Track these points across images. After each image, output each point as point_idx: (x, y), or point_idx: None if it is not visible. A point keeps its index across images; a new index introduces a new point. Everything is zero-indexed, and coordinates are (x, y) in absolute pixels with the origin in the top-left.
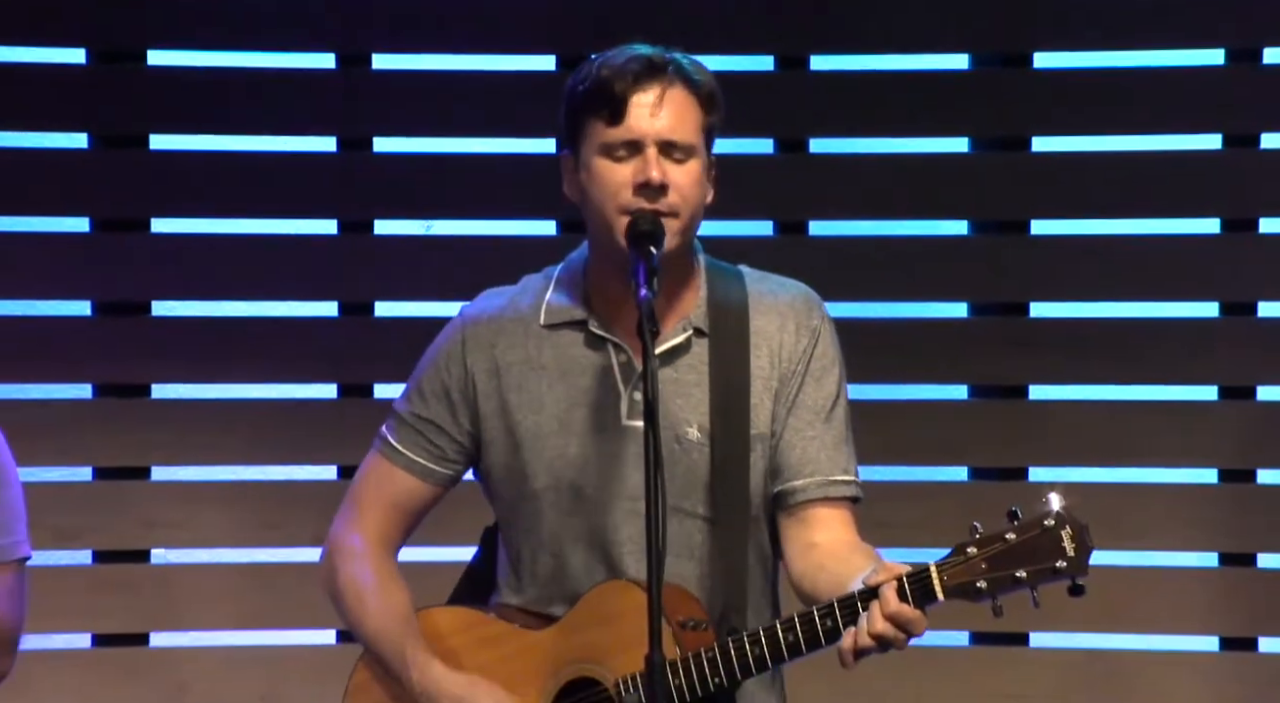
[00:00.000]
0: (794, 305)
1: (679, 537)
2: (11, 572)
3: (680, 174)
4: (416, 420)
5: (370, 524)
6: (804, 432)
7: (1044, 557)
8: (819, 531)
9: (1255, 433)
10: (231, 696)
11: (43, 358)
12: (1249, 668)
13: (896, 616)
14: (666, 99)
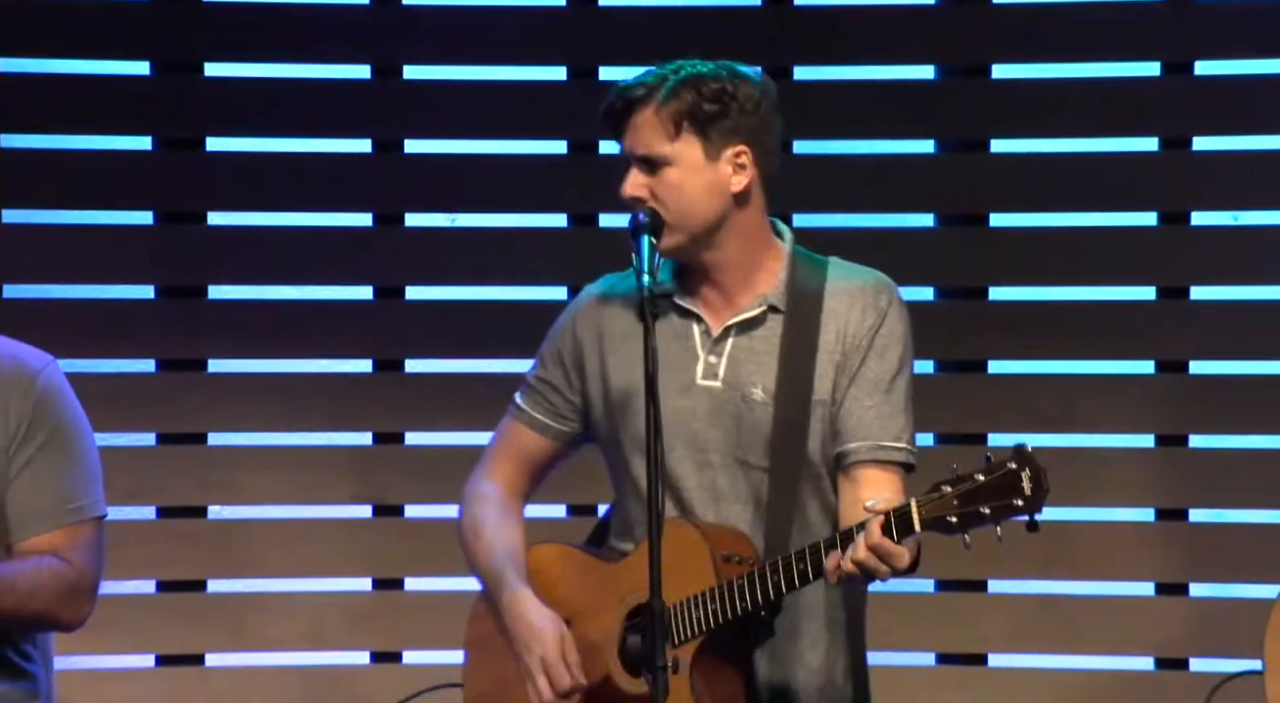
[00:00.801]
0: (865, 289)
1: (740, 484)
2: (90, 528)
3: (657, 184)
4: (538, 383)
5: (497, 474)
6: (862, 401)
7: (1005, 494)
8: (866, 489)
9: (1187, 402)
10: (278, 635)
11: (111, 337)
12: (1181, 610)
13: (878, 547)
14: (635, 122)
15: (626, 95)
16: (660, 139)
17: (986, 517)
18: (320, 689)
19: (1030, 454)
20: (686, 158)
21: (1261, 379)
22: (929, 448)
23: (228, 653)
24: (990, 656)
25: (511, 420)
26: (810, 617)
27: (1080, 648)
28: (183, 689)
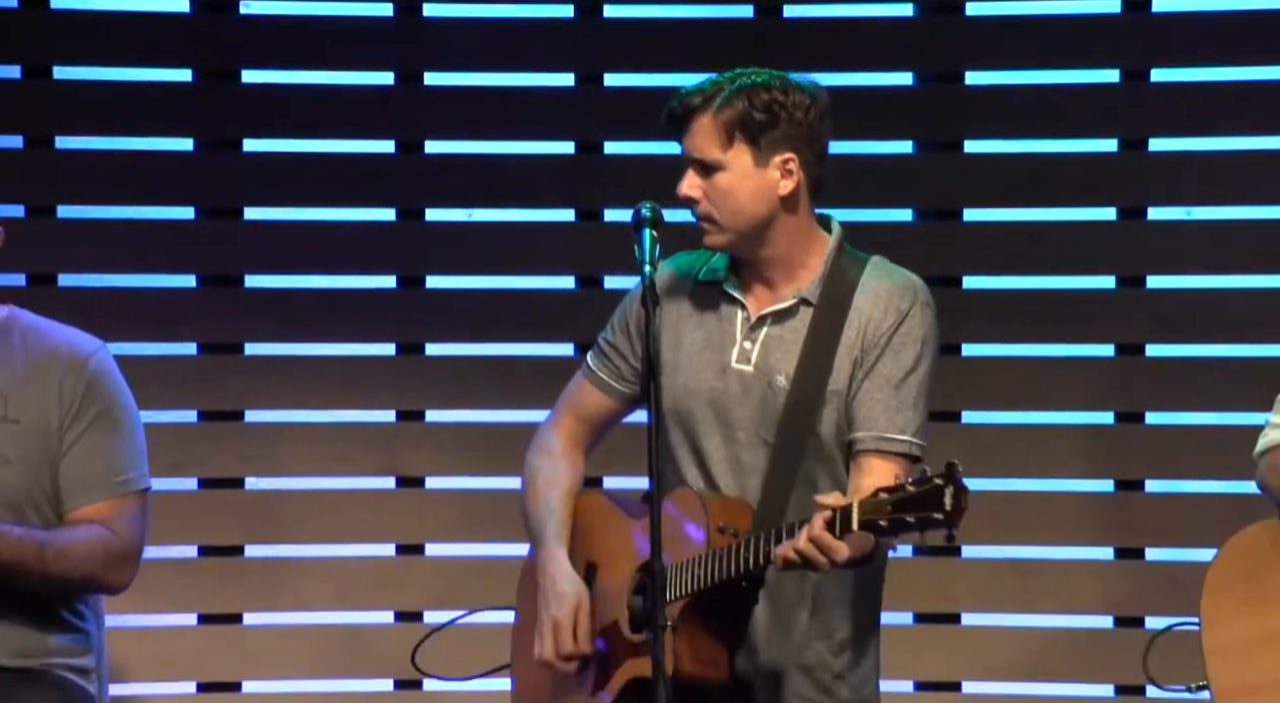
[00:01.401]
0: (893, 291)
1: (753, 459)
2: (136, 500)
3: (710, 186)
4: (607, 346)
5: (562, 426)
6: (874, 394)
7: (929, 507)
8: (867, 476)
9: (1144, 383)
10: (309, 596)
11: (156, 322)
12: (1137, 572)
13: (818, 540)
14: (693, 127)
15: (686, 102)
16: (714, 145)
17: (911, 525)
18: (347, 645)
19: (956, 473)
20: (738, 164)
21: (1212, 361)
22: None
23: (263, 612)
24: (963, 615)
25: (581, 378)
26: (813, 593)
27: (1044, 608)
28: (222, 646)
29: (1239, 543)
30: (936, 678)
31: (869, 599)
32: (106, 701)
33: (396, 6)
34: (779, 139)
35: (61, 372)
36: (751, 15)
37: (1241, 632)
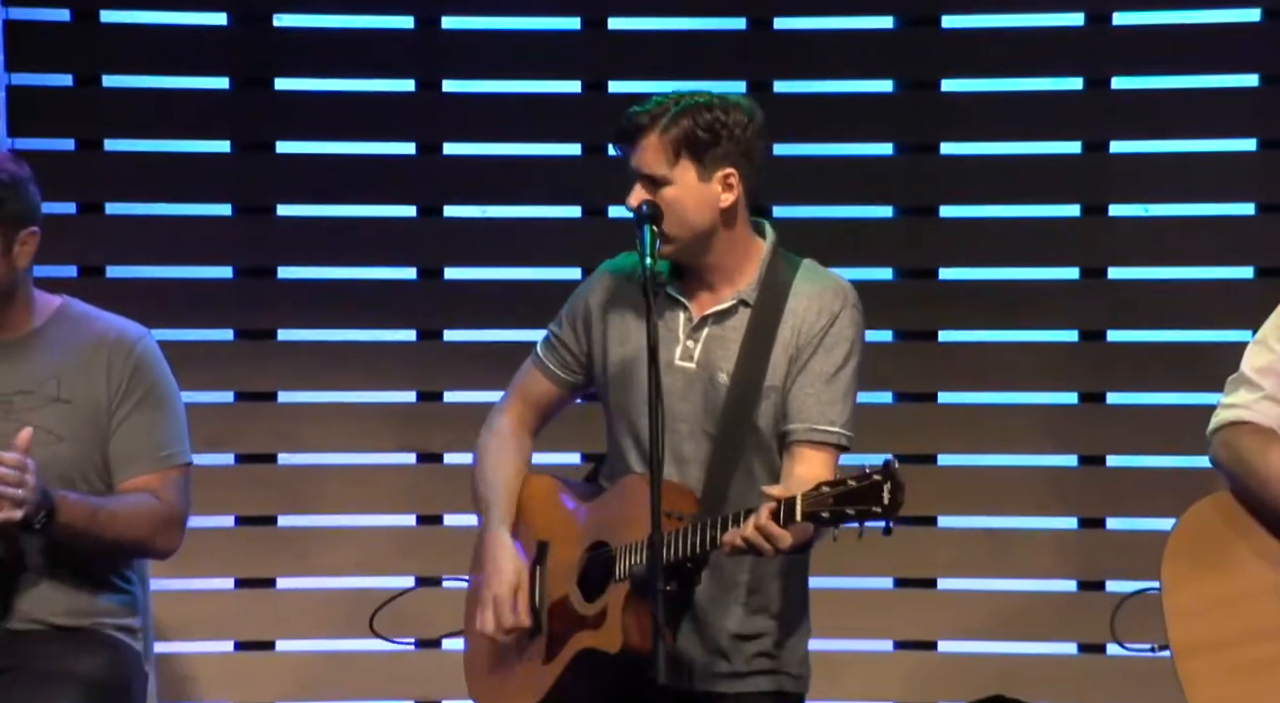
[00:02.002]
0: (824, 294)
1: (696, 450)
2: (179, 473)
3: (658, 199)
4: (554, 338)
5: (512, 410)
6: (807, 389)
7: (869, 501)
8: (799, 464)
9: (1105, 366)
10: (336, 563)
11: (197, 310)
12: (1099, 540)
13: (764, 528)
14: (642, 145)
15: (635, 121)
16: (661, 162)
17: (851, 516)
18: (371, 607)
19: (895, 470)
20: (683, 179)
21: (1169, 345)
22: (886, 405)
23: (294, 577)
24: (939, 580)
25: (531, 366)
26: (751, 569)
27: (1014, 573)
28: (256, 607)
29: (1194, 515)
30: (914, 638)
31: (801, 573)
32: (151, 657)
33: (417, 19)
34: (720, 156)
35: (110, 356)
36: (744, 27)
37: (1197, 595)
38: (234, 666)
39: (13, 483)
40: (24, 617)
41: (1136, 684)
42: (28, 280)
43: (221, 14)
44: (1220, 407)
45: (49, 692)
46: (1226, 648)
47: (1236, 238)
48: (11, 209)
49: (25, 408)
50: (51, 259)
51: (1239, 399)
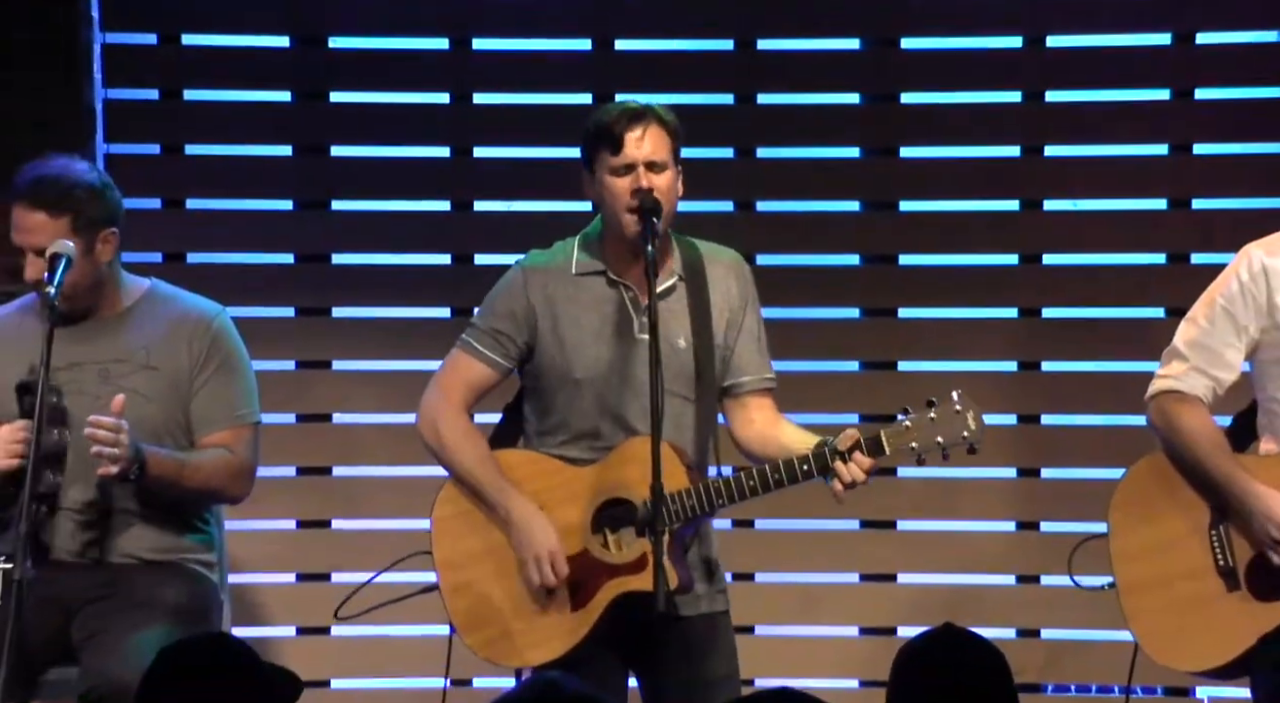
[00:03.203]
0: (735, 266)
1: (673, 410)
2: (250, 430)
3: (660, 181)
4: (490, 330)
5: (455, 397)
6: (747, 346)
7: (958, 429)
8: (755, 411)
9: (1041, 338)
10: (383, 507)
11: (264, 290)
12: (1033, 488)
13: (870, 470)
14: (648, 135)
15: (642, 111)
16: (666, 150)
17: (942, 445)
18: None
19: (970, 400)
20: (671, 168)
21: (1095, 321)
22: (854, 373)
23: (346, 519)
24: (899, 522)
25: (465, 356)
26: None
27: (962, 516)
28: (315, 545)
29: (1135, 472)
30: (877, 571)
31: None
32: (226, 587)
33: (451, 40)
34: (679, 150)
35: (191, 330)
36: (732, 47)
37: (1137, 542)
38: (295, 595)
39: (110, 443)
40: (120, 552)
41: (1063, 609)
42: (114, 270)
43: (284, 36)
44: (1156, 377)
45: (141, 615)
46: (1161, 586)
47: (1151, 229)
48: (90, 215)
49: (120, 374)
50: (140, 247)
51: (1171, 371)
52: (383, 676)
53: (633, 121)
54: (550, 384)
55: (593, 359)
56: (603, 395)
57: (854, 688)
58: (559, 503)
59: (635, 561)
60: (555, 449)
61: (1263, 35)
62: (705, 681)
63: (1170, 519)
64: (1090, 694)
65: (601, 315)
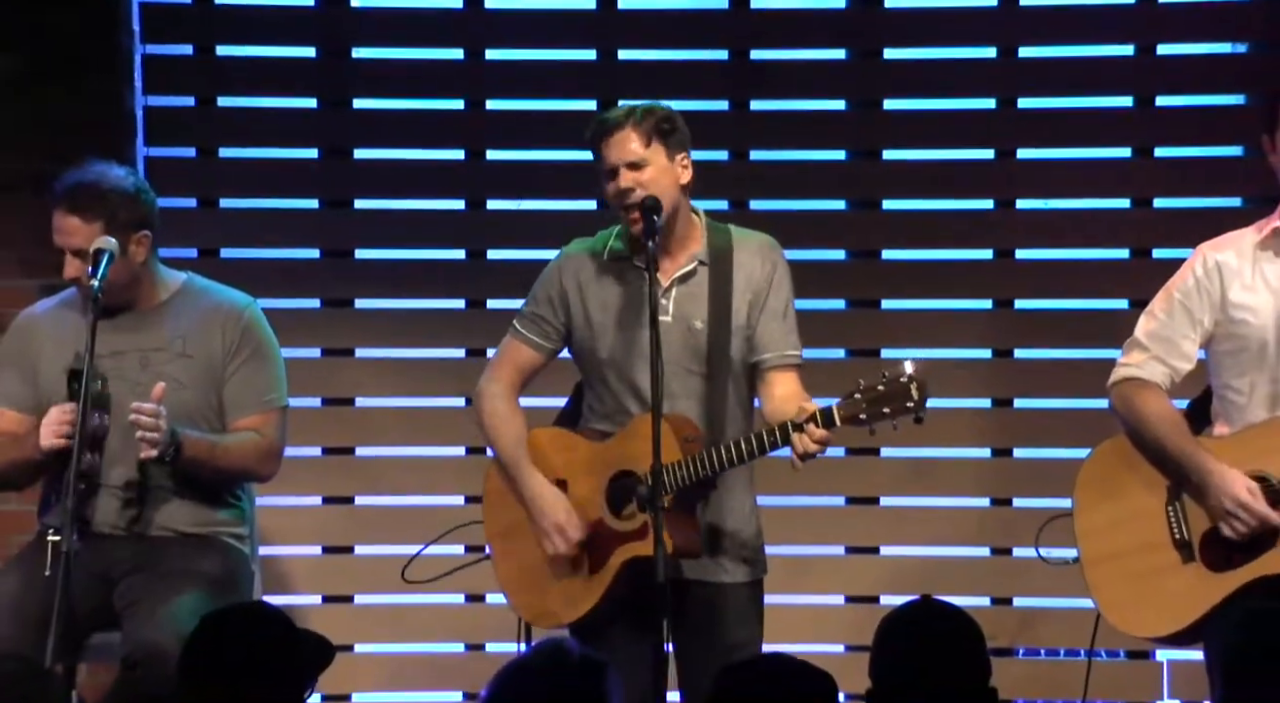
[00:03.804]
0: (761, 248)
1: (687, 386)
2: (278, 414)
3: (642, 176)
4: (533, 315)
5: (504, 378)
6: (769, 325)
7: (902, 400)
8: (778, 386)
9: (1013, 328)
10: (403, 484)
11: (292, 283)
12: (1006, 467)
13: (820, 439)
14: (618, 139)
15: (613, 119)
16: (641, 147)
17: (888, 414)
18: (431, 520)
19: (918, 371)
20: (656, 161)
21: (1062, 312)
22: (841, 359)
23: (368, 496)
24: (881, 498)
25: (513, 341)
26: (734, 478)
27: (939, 493)
28: (338, 520)
29: (1098, 454)
30: (861, 544)
31: (751, 482)
32: (257, 558)
33: (465, 51)
34: (676, 142)
35: (224, 320)
36: (726, 57)
37: (1100, 518)
38: (320, 566)
39: (150, 428)
40: (158, 526)
41: (1032, 579)
42: (150, 267)
43: (311, 48)
44: (1118, 365)
45: (177, 584)
46: (1122, 559)
47: (1115, 226)
48: (125, 218)
49: (159, 361)
50: (178, 243)
51: (1132, 360)
52: (405, 641)
53: (605, 130)
54: (585, 363)
55: (615, 339)
56: (625, 373)
57: (840, 653)
58: (580, 475)
59: (640, 528)
60: (596, 423)
61: (1218, 47)
62: (719, 647)
63: (1130, 497)
64: (1059, 658)
65: (625, 299)
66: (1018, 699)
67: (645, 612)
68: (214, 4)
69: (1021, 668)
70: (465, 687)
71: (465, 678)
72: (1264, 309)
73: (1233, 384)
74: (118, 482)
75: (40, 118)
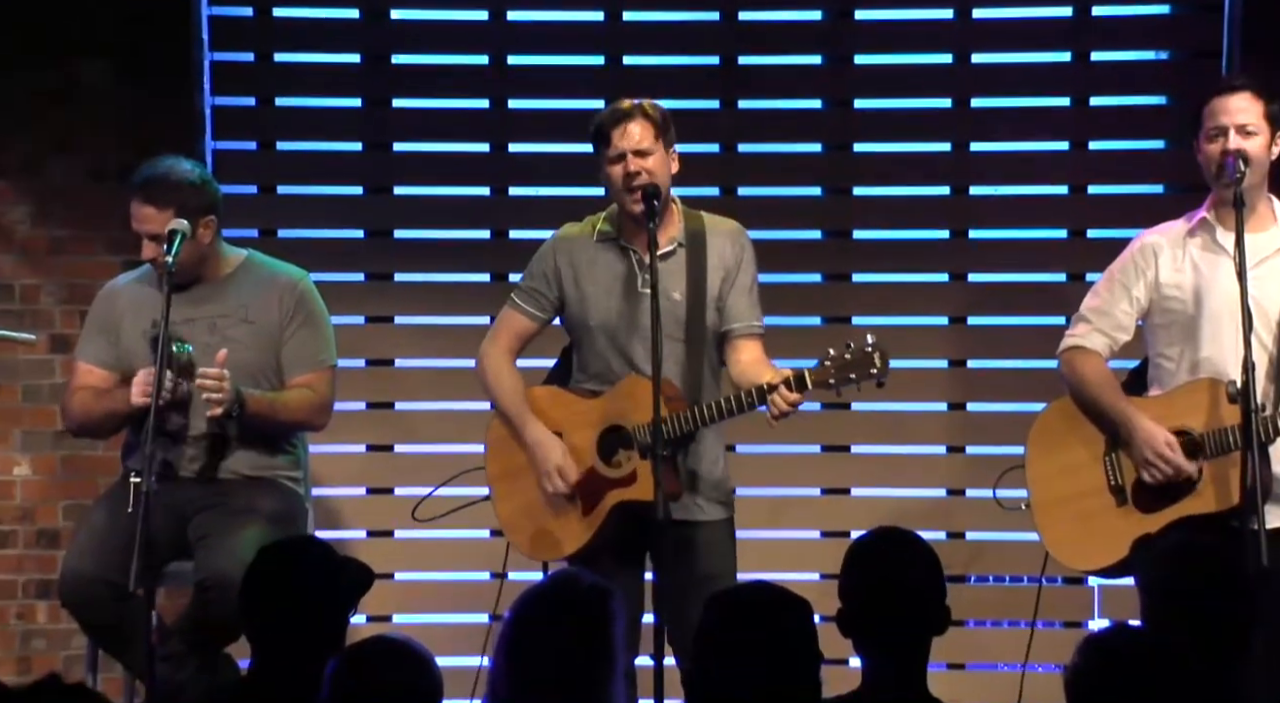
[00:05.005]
0: (732, 234)
1: (668, 351)
2: (329, 373)
3: (647, 163)
4: (530, 289)
5: (503, 343)
6: (738, 299)
7: (865, 366)
8: (744, 351)
9: (966, 299)
10: (436, 434)
11: (339, 259)
12: (961, 419)
13: (792, 400)
14: (631, 128)
15: (624, 109)
16: (649, 137)
17: (854, 380)
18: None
19: (879, 343)
20: (658, 151)
21: (1011, 284)
22: (817, 326)
23: (406, 444)
24: (852, 446)
25: (511, 310)
26: (706, 430)
27: (904, 441)
28: (380, 464)
29: (1046, 413)
30: (835, 486)
31: (721, 433)
32: (310, 498)
33: (490, 56)
34: (670, 138)
35: (281, 291)
36: (717, 63)
37: (1048, 467)
38: (365, 504)
39: (215, 390)
40: (225, 470)
41: (981, 516)
42: (215, 247)
43: (356, 54)
44: (1066, 336)
45: (242, 520)
46: (1067, 502)
47: (1056, 210)
48: (193, 205)
49: (224, 327)
50: (241, 225)
51: (1077, 332)
52: (438, 569)
53: (617, 120)
54: (576, 331)
55: (604, 310)
56: (613, 339)
57: (816, 580)
58: (575, 428)
59: (627, 475)
60: (586, 383)
61: (1143, 55)
62: (698, 576)
63: (1074, 449)
64: (1004, 584)
65: (613, 274)
66: (968, 620)
67: (630, 548)
68: (273, 17)
69: (972, 593)
70: (491, 610)
71: (491, 602)
72: (1190, 289)
73: (1164, 352)
74: (192, 432)
75: (123, 117)
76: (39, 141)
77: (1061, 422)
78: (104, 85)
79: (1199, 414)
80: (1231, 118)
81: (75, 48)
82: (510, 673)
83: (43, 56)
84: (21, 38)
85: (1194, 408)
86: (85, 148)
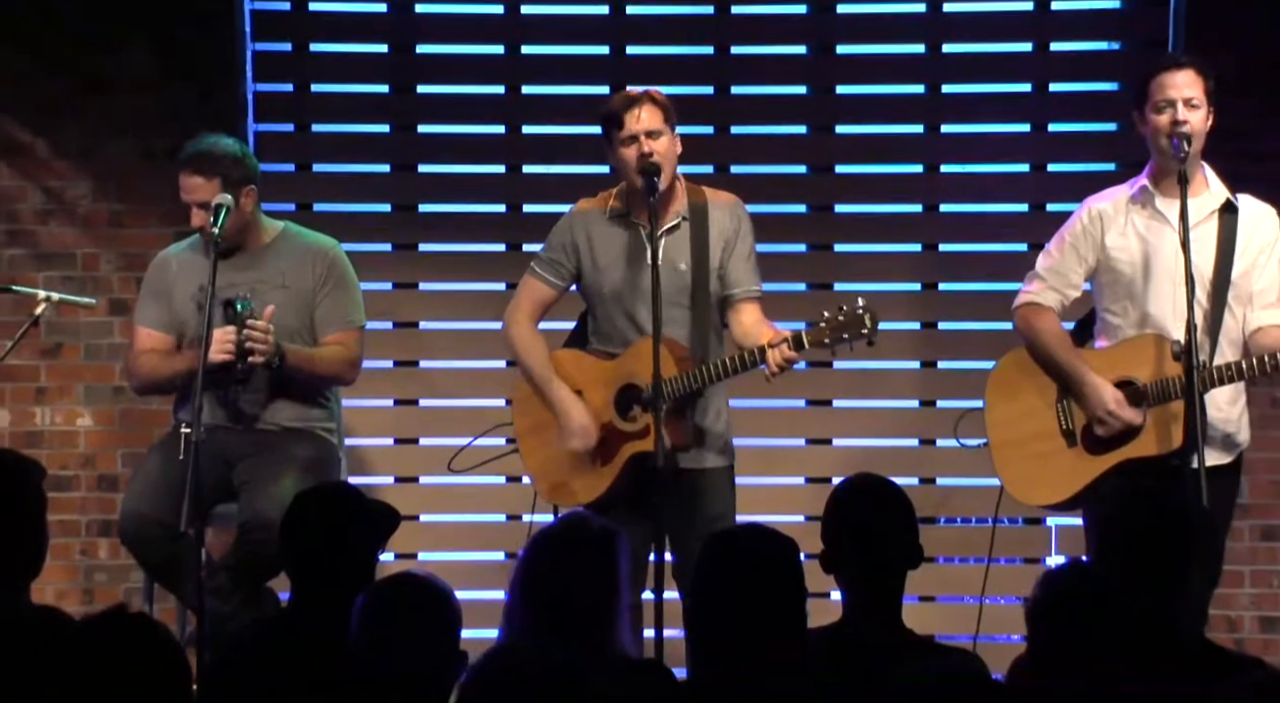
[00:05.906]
0: (730, 206)
1: (674, 316)
2: (359, 332)
3: (658, 145)
4: (550, 259)
5: (526, 309)
6: (738, 266)
7: (858, 327)
8: (745, 314)
9: (937, 267)
10: (459, 389)
11: (368, 231)
12: (932, 376)
13: (790, 358)
14: (643, 112)
15: (635, 95)
16: (660, 120)
17: (846, 339)
18: (479, 419)
19: (869, 306)
20: (667, 133)
21: (977, 254)
22: (803, 292)
23: (430, 399)
24: (834, 401)
25: (532, 278)
26: (714, 387)
27: (880, 396)
28: (407, 416)
29: (1003, 363)
30: (818, 437)
31: (725, 389)
32: (343, 447)
33: (505, 46)
34: (674, 122)
35: (315, 258)
36: (712, 52)
37: (1005, 413)
38: (394, 453)
39: (261, 342)
40: (265, 421)
41: (951, 464)
42: (256, 216)
43: (384, 45)
44: (1020, 292)
45: (281, 467)
46: (1023, 444)
47: (1018, 186)
48: (236, 176)
49: (264, 291)
50: (279, 200)
51: (1031, 289)
52: (458, 512)
53: (630, 104)
54: (591, 298)
55: (616, 279)
56: (624, 305)
57: (801, 522)
58: (594, 387)
59: (642, 429)
60: (602, 346)
61: (1097, 44)
62: (701, 518)
63: (1028, 396)
64: (971, 524)
65: (623, 247)
66: (939, 557)
67: (641, 496)
68: (308, 9)
69: (942, 533)
70: (506, 548)
71: (506, 541)
72: (1136, 253)
73: (1111, 308)
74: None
75: (173, 102)
76: (99, 126)
77: (1017, 371)
78: (156, 75)
79: (1144, 366)
80: (1179, 92)
81: (129, 41)
82: (525, 606)
83: (100, 50)
84: (80, 33)
85: (1139, 360)
86: (140, 132)
